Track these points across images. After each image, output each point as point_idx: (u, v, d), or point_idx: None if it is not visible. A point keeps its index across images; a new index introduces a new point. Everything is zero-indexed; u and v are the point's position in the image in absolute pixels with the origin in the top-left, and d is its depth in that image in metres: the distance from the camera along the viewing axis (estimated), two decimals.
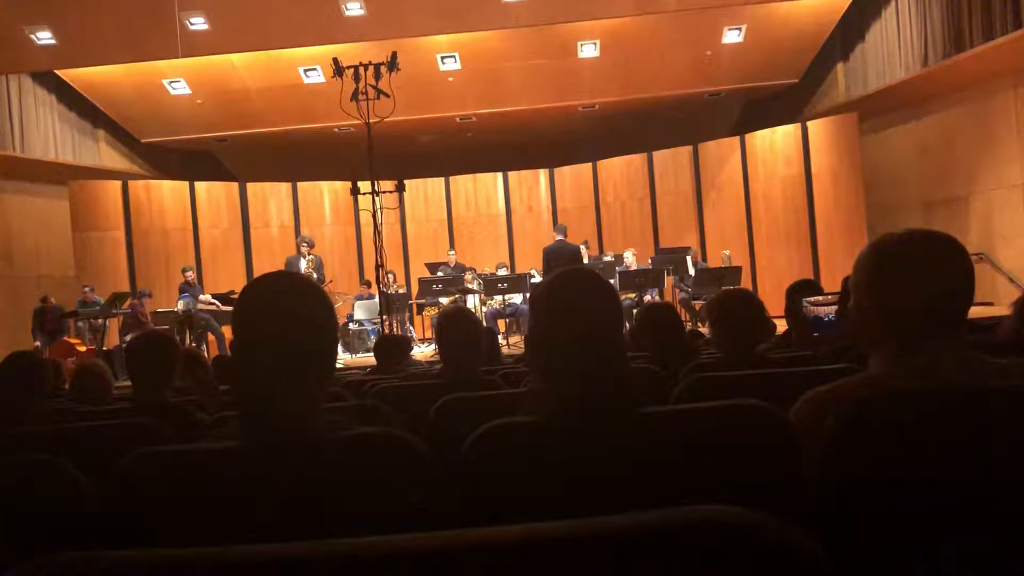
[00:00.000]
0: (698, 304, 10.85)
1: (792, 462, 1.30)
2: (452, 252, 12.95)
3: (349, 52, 10.28)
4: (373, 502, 1.22)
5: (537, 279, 11.04)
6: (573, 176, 14.72)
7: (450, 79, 13.07)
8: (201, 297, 11.07)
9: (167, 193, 13.40)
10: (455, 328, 3.09)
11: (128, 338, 9.55)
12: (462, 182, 14.82)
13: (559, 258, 9.76)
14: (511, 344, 10.66)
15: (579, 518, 0.71)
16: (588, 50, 12.73)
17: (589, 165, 14.55)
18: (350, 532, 0.73)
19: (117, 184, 13.02)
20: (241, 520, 1.20)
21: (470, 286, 11.31)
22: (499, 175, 14.86)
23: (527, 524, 0.71)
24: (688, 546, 0.68)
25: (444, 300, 11.27)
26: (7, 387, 2.99)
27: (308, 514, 1.20)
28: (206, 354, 9.77)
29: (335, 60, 9.20)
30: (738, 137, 13.38)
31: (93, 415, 2.89)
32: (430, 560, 0.69)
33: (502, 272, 11.88)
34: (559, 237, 10.28)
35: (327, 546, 0.70)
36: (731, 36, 12.59)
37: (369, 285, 12.44)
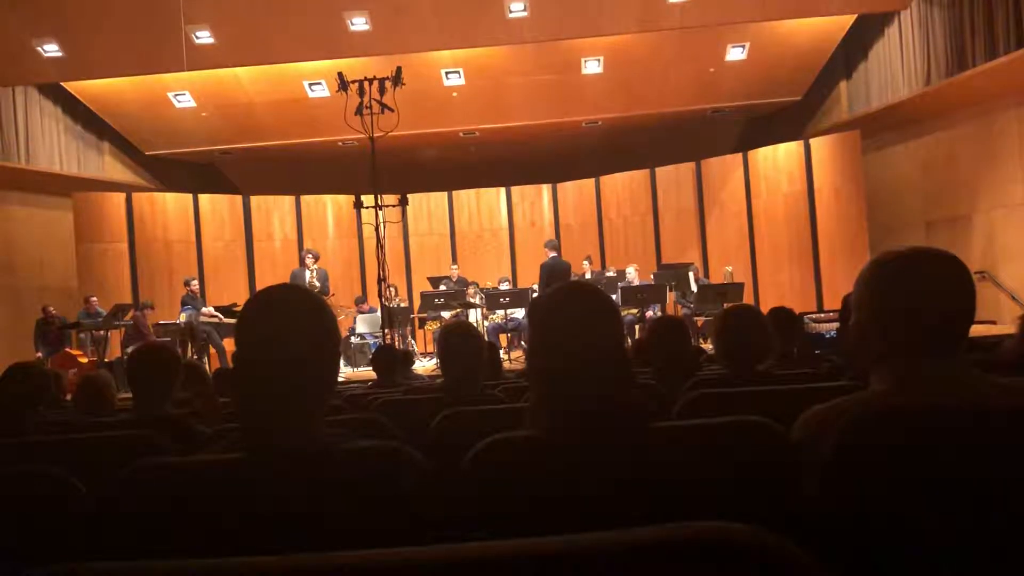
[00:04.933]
0: (700, 320, 10.85)
1: (792, 479, 1.30)
2: (455, 266, 12.97)
3: (354, 66, 10.33)
4: (373, 515, 1.22)
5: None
6: (576, 191, 14.74)
7: (454, 94, 13.12)
8: (203, 309, 11.07)
9: (171, 205, 13.43)
10: (457, 342, 3.09)
11: (130, 350, 9.56)
12: (465, 197, 14.86)
13: (556, 274, 9.84)
14: (513, 359, 10.65)
15: (579, 533, 0.71)
16: (592, 66, 12.78)
17: (592, 180, 14.58)
18: (350, 545, 0.73)
19: (121, 196, 13.06)
20: (240, 532, 1.20)
21: (473, 300, 11.32)
22: (502, 190, 14.90)
23: (527, 538, 0.71)
24: (686, 562, 0.68)
25: (446, 314, 11.27)
26: (9, 398, 2.99)
27: (308, 527, 1.20)
28: (207, 367, 9.78)
29: (340, 74, 9.23)
30: (741, 154, 13.41)
31: (94, 426, 2.89)
32: (431, 574, 0.69)
33: (504, 287, 11.90)
34: (552, 254, 10.39)
35: (326, 559, 0.70)
36: (734, 53, 12.64)
37: (362, 301, 12.40)
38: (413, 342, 12.37)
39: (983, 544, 1.15)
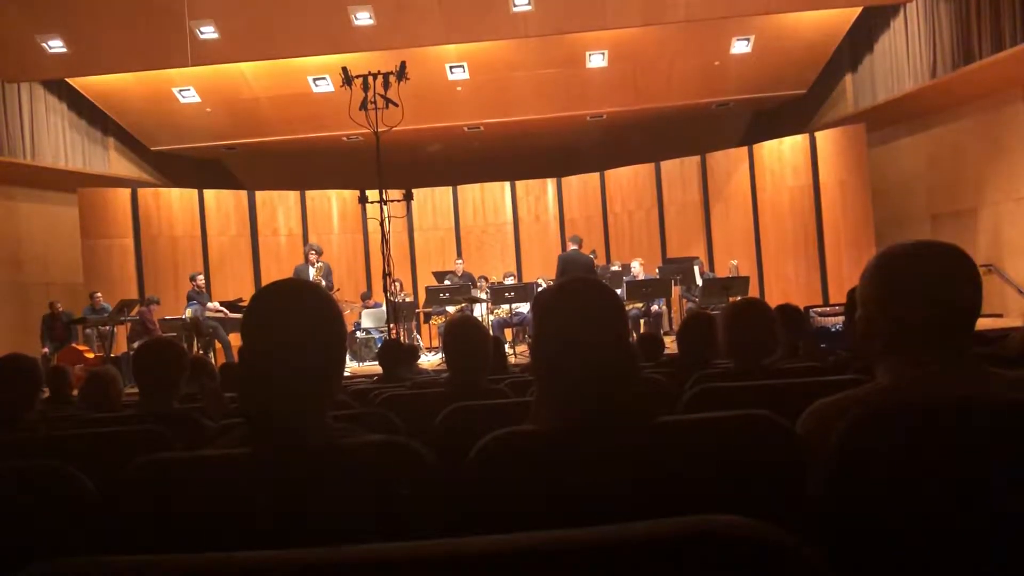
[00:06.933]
0: None
1: (797, 473, 1.29)
2: (459, 261, 12.96)
3: (358, 61, 10.33)
4: (379, 510, 1.22)
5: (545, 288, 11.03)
6: (580, 185, 14.73)
7: (458, 88, 13.10)
8: (209, 304, 11.09)
9: (176, 201, 13.45)
10: (462, 337, 3.09)
11: (136, 345, 9.58)
12: (470, 191, 14.85)
13: (575, 267, 9.84)
14: (517, 353, 10.65)
15: (583, 527, 0.71)
16: (596, 60, 12.75)
17: (597, 175, 14.56)
18: (356, 540, 0.73)
19: (126, 191, 13.08)
20: (246, 527, 1.20)
21: (480, 295, 11.30)
22: (507, 184, 14.88)
23: (531, 532, 0.71)
24: (690, 556, 0.68)
25: (451, 309, 11.27)
26: (3, 390, 2.97)
27: (314, 521, 1.20)
28: (213, 361, 9.80)
29: (344, 69, 9.23)
30: (746, 147, 13.37)
31: (100, 422, 2.89)
32: (434, 568, 0.69)
33: (509, 281, 11.89)
34: (573, 247, 10.37)
35: (331, 553, 0.70)
36: (739, 47, 12.60)
37: (368, 296, 12.45)
38: (418, 337, 12.37)
39: (988, 540, 1.15)
